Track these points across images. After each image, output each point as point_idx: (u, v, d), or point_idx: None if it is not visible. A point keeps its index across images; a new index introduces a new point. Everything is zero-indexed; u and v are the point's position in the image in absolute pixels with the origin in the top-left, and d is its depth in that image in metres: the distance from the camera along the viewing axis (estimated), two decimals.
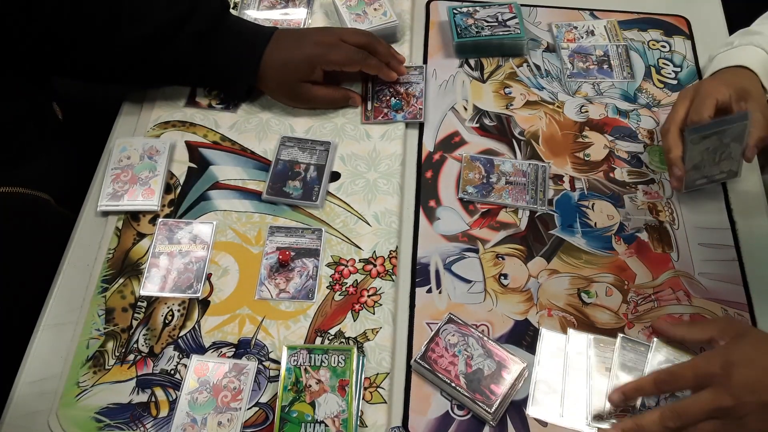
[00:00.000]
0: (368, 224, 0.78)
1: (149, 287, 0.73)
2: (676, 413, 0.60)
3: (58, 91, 0.91)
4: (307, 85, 0.84)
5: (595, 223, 0.78)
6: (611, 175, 0.82)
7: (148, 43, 0.79)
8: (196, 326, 0.71)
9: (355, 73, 0.86)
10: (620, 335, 0.70)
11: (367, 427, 0.65)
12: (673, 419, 0.60)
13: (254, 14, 0.95)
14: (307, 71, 0.82)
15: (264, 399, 0.67)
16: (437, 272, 0.75)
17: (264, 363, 0.69)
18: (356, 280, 0.74)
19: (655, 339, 0.69)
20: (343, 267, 0.75)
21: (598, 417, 0.65)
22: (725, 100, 0.74)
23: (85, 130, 0.90)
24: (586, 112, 0.87)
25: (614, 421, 0.65)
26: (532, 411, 0.66)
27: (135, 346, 0.70)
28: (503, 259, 0.76)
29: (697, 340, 0.68)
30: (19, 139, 0.82)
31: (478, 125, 0.86)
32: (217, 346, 0.70)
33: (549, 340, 0.70)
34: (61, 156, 0.88)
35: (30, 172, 0.82)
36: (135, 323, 0.71)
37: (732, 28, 0.94)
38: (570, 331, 0.70)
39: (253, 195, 0.80)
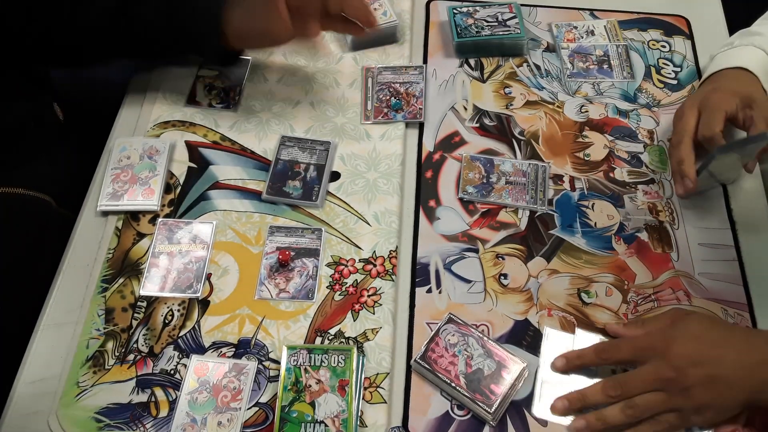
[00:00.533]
0: (368, 224, 0.78)
1: (149, 287, 0.73)
2: (617, 383, 0.63)
3: (59, 92, 0.91)
4: (272, 17, 0.78)
5: (595, 223, 0.78)
6: (611, 175, 0.82)
7: (115, 14, 0.78)
8: (195, 326, 0.71)
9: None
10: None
11: (367, 427, 0.65)
12: (614, 388, 0.63)
13: None
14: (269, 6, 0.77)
15: (264, 399, 0.67)
16: (437, 272, 0.75)
17: (264, 363, 0.69)
18: (356, 280, 0.74)
19: (578, 329, 0.70)
20: (343, 267, 0.75)
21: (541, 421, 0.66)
22: (733, 111, 0.75)
23: (85, 131, 0.90)
24: (586, 112, 0.87)
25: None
26: (536, 410, 0.66)
27: (135, 346, 0.70)
28: (503, 259, 0.76)
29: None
30: (19, 140, 0.82)
31: (478, 125, 0.86)
32: (217, 346, 0.70)
33: (554, 339, 0.70)
34: (61, 157, 0.88)
35: (30, 172, 0.83)
36: (135, 323, 0.71)
37: (732, 29, 0.94)
38: (578, 330, 0.70)
39: (253, 195, 0.80)
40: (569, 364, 0.67)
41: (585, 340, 0.69)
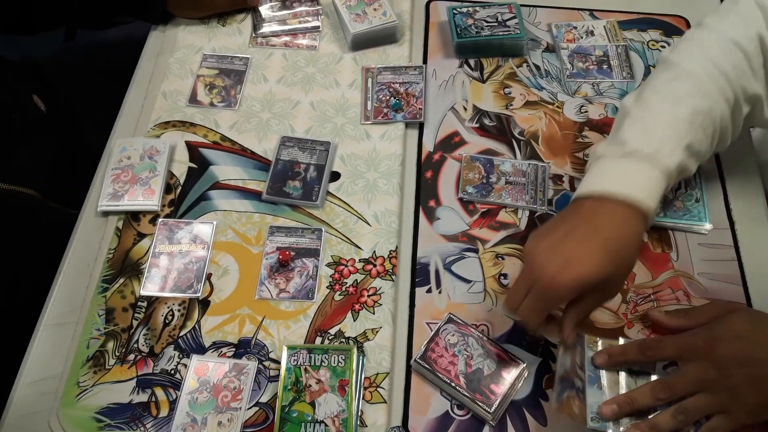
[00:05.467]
0: (368, 224, 0.78)
1: (149, 287, 0.73)
2: (665, 385, 0.62)
3: (40, 83, 0.91)
4: None
5: None
6: None
7: None
8: (196, 326, 0.71)
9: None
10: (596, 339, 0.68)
11: (367, 427, 0.65)
12: (663, 391, 0.61)
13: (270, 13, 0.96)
14: None
15: (264, 399, 0.67)
16: (437, 272, 0.75)
17: (264, 363, 0.69)
18: (356, 280, 0.74)
19: (585, 336, 0.66)
20: (343, 267, 0.75)
21: (595, 419, 0.65)
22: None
23: (67, 123, 0.90)
24: (586, 112, 0.87)
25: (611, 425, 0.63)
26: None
27: (135, 346, 0.70)
28: (503, 259, 0.76)
29: (695, 326, 0.67)
30: (2, 133, 0.82)
31: (477, 125, 0.86)
32: (217, 345, 0.70)
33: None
34: (43, 149, 0.87)
35: (12, 166, 0.82)
36: (135, 323, 0.71)
37: None
38: (600, 341, 0.67)
39: (253, 195, 0.80)
40: (611, 361, 0.64)
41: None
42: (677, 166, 0.64)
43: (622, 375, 0.64)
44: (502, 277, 0.74)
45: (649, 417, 0.61)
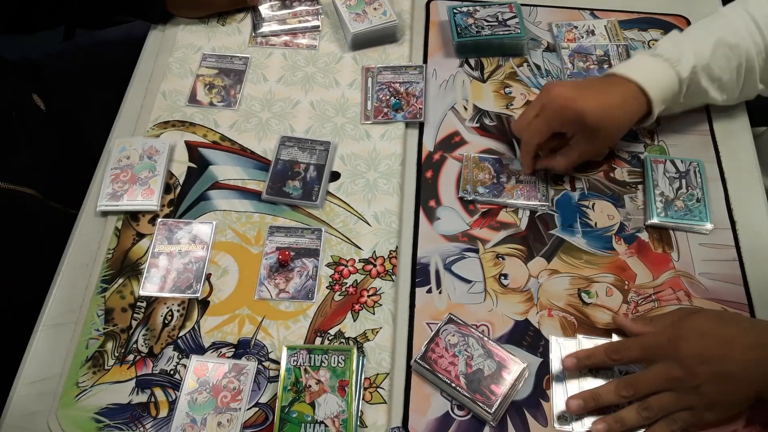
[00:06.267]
0: (368, 224, 0.78)
1: (149, 287, 0.73)
2: (629, 383, 0.64)
3: (40, 81, 0.91)
4: None
5: (596, 223, 0.78)
6: (611, 175, 0.82)
7: None
8: (195, 326, 0.71)
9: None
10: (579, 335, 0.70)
11: (367, 427, 0.65)
12: (627, 388, 0.64)
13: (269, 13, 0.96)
14: None
15: (264, 399, 0.67)
16: (437, 272, 0.75)
17: (264, 363, 0.68)
18: (356, 280, 0.74)
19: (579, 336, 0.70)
20: (343, 267, 0.75)
21: (562, 418, 0.66)
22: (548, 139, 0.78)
23: (67, 123, 0.90)
24: None
25: (575, 420, 0.66)
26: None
27: (134, 346, 0.69)
28: (503, 259, 0.76)
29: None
30: (3, 132, 0.82)
31: (478, 125, 0.86)
32: (216, 346, 0.70)
33: (564, 347, 0.69)
34: (43, 149, 0.87)
35: (12, 166, 0.82)
36: (134, 323, 0.71)
37: None
38: (579, 336, 0.70)
39: (253, 195, 0.80)
40: (579, 364, 0.67)
41: (589, 344, 0.69)
42: (689, 76, 0.76)
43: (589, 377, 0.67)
44: (502, 277, 0.74)
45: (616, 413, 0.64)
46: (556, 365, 0.69)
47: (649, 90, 0.74)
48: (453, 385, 0.66)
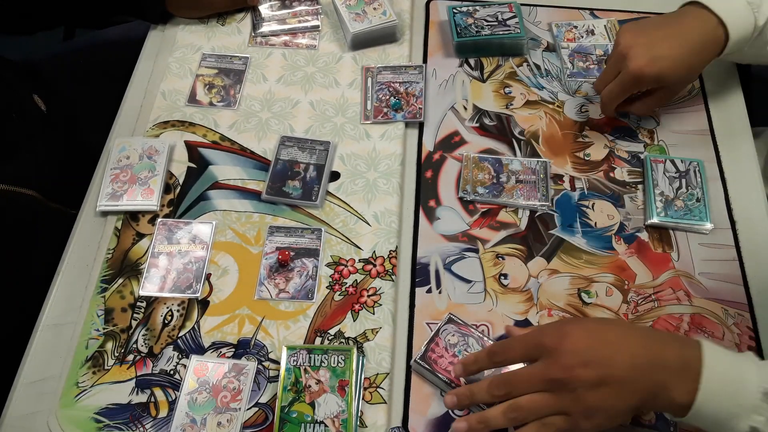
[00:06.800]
0: (368, 224, 0.78)
1: (148, 287, 0.73)
2: (503, 380, 0.59)
3: (39, 84, 0.91)
4: None
5: (596, 223, 0.78)
6: (611, 174, 0.82)
7: None
8: (195, 326, 0.71)
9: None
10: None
11: (366, 427, 0.65)
12: (499, 387, 0.59)
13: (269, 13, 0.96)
14: None
15: (264, 399, 0.67)
16: (437, 272, 0.75)
17: (263, 363, 0.68)
18: (356, 280, 0.74)
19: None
20: (342, 267, 0.75)
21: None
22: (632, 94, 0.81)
23: (67, 123, 0.90)
24: (586, 111, 0.87)
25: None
26: None
27: (134, 346, 0.69)
28: (503, 259, 0.76)
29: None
30: (1, 134, 0.82)
31: (478, 125, 0.86)
32: (216, 346, 0.70)
33: None
34: (44, 150, 0.87)
35: (12, 168, 0.82)
36: (134, 323, 0.71)
37: None
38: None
39: (253, 195, 0.80)
40: (467, 370, 0.62)
41: None
42: (764, 24, 0.75)
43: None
44: (502, 277, 0.74)
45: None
46: None
47: (729, 25, 0.74)
48: (453, 385, 0.66)
